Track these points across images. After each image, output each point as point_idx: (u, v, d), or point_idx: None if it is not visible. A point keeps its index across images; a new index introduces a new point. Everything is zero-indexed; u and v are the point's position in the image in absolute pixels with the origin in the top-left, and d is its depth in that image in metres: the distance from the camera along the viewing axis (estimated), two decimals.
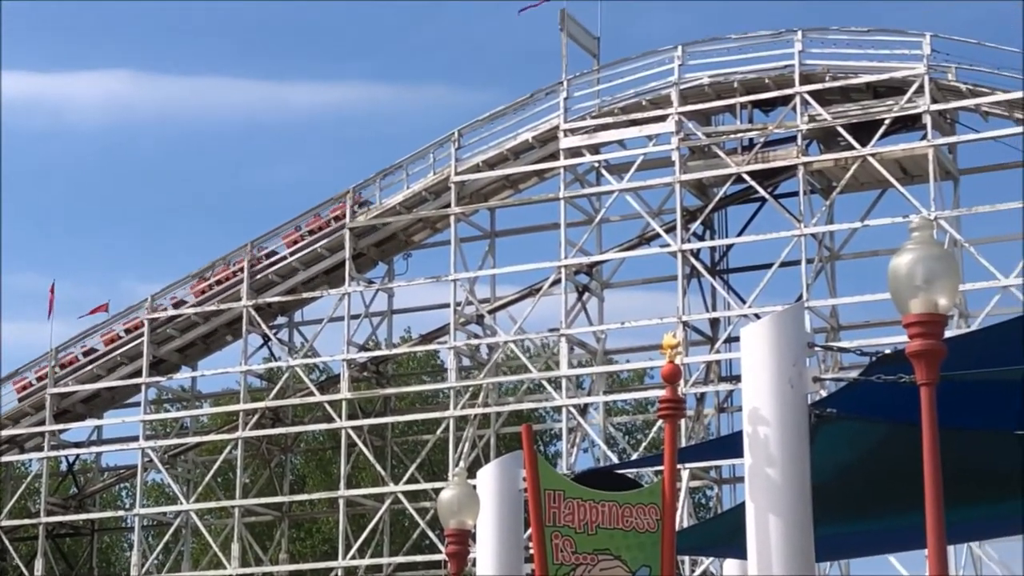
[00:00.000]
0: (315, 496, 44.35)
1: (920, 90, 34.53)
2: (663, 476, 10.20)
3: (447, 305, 39.08)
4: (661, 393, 10.55)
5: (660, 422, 10.53)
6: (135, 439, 41.44)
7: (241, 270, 40.28)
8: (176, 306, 41.11)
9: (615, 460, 37.61)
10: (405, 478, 39.47)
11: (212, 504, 43.01)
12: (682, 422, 35.53)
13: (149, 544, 44.07)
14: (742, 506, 9.50)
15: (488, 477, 11.93)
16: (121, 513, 48.93)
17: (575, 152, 37.88)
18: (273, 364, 42.15)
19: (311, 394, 40.30)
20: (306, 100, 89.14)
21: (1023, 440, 10.82)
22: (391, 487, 39.16)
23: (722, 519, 14.29)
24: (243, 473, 41.27)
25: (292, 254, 40.09)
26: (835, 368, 32.86)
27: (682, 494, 35.79)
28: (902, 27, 36.04)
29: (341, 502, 38.90)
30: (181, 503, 41.75)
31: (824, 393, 9.98)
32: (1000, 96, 34.29)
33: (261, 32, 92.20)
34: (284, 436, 42.93)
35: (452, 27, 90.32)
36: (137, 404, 41.90)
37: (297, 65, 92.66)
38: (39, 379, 42.21)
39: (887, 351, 9.22)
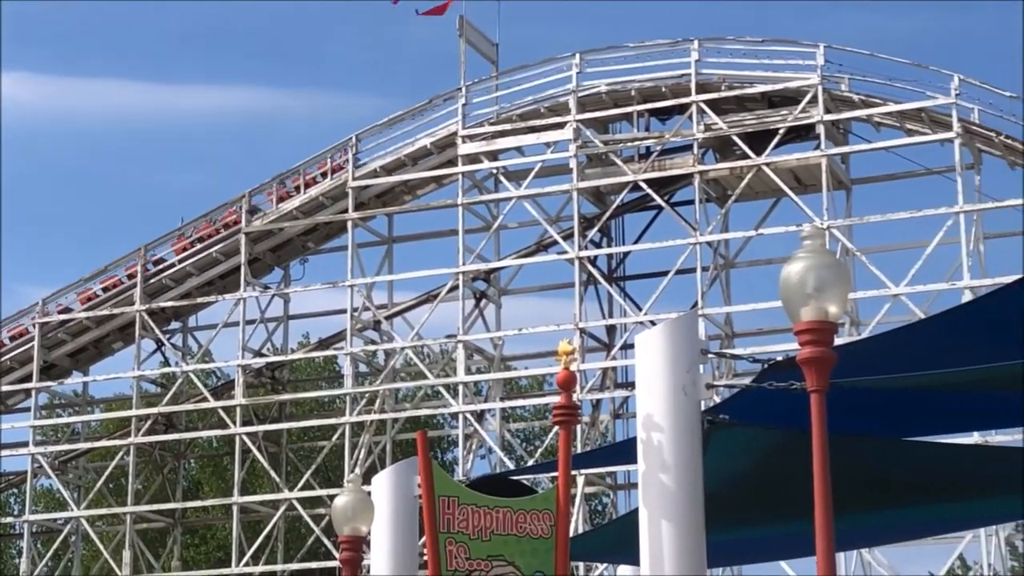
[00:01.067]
0: (209, 503, 43.96)
1: (814, 100, 34.96)
2: (557, 482, 10.24)
3: (344, 311, 38.94)
4: (557, 399, 10.59)
5: (556, 428, 10.57)
6: (25, 444, 40.86)
7: (134, 274, 39.87)
8: (65, 311, 40.59)
9: (512, 466, 37.67)
10: (300, 484, 39.26)
11: (103, 511, 42.48)
12: (578, 428, 35.81)
13: (38, 551, 43.42)
14: (636, 512, 9.56)
15: (383, 483, 11.89)
16: (10, 520, 48.17)
17: (473, 158, 37.93)
18: (167, 369, 41.79)
19: (205, 400, 39.98)
20: (202, 104, 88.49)
21: (911, 447, 11.00)
22: (286, 494, 38.95)
23: (616, 525, 14.37)
24: (135, 479, 40.82)
25: (181, 261, 39.72)
26: (729, 375, 33.13)
27: (577, 500, 35.94)
28: (796, 38, 36.51)
29: (235, 509, 38.61)
30: (72, 509, 41.20)
31: (718, 399, 10.07)
32: (892, 107, 34.80)
33: (156, 35, 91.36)
34: (178, 442, 42.54)
35: (350, 32, 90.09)
36: (27, 409, 41.31)
37: (192, 68, 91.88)
38: None
39: (779, 358, 9.33)
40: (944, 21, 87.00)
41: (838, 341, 8.50)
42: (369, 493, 12.28)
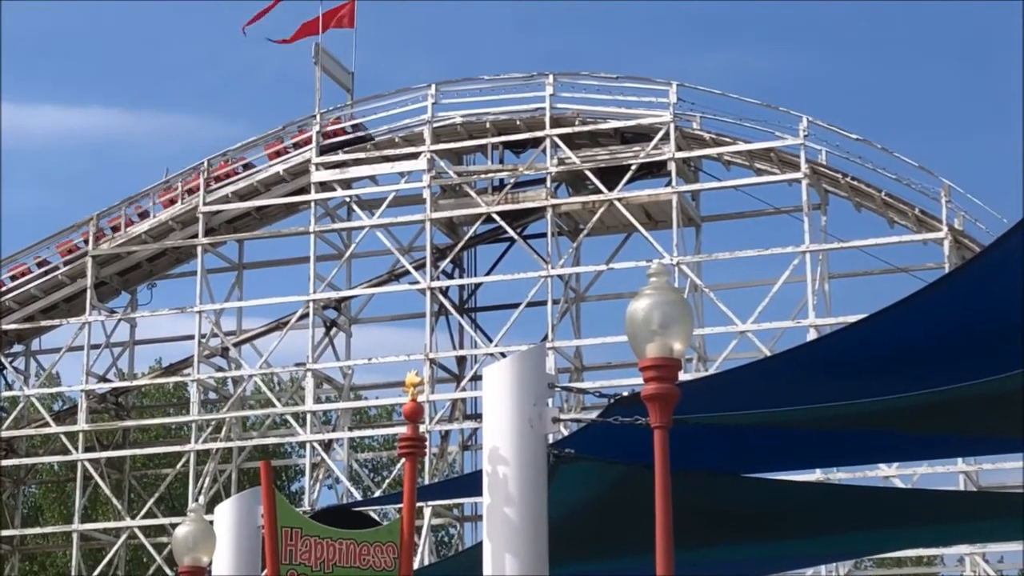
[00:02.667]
0: (48, 530, 43.08)
1: (666, 137, 35.34)
2: (401, 514, 10.19)
3: (192, 337, 38.47)
4: (404, 430, 10.54)
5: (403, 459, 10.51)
6: None
7: None
8: None
9: (359, 496, 37.44)
10: (143, 512, 38.63)
11: None
12: (426, 459, 35.78)
13: None
14: (480, 545, 9.55)
15: (225, 513, 11.73)
16: None
17: (326, 186, 37.75)
18: (9, 393, 40.89)
19: (47, 424, 39.20)
20: (49, 125, 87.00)
21: (754, 484, 11.12)
22: (128, 522, 38.30)
23: (461, 558, 14.32)
24: None
25: (21, 285, 38.93)
26: (578, 408, 33.27)
27: (423, 531, 35.82)
28: (650, 75, 36.90)
29: (75, 536, 37.87)
30: None
31: (566, 432, 10.10)
32: (741, 146, 35.30)
33: (4, 54, 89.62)
34: (17, 467, 41.62)
35: (205, 56, 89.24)
36: None
37: (40, 88, 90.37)
38: None
39: (625, 393, 9.38)
40: (795, 62, 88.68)
41: (684, 377, 8.57)
42: (211, 523, 12.11)
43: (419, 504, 34.56)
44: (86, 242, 38.69)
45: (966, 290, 8.19)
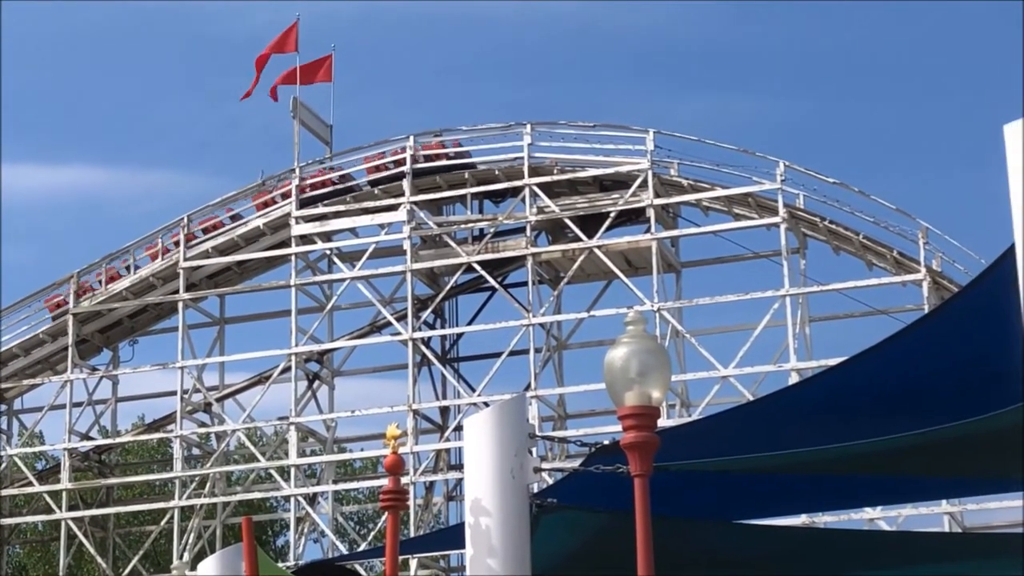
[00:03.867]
0: None
1: (644, 184, 35.46)
2: (385, 567, 10.15)
3: (174, 392, 38.37)
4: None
5: None
6: None
7: None
8: None
9: (345, 550, 37.30)
10: (127, 570, 38.42)
11: None
12: (411, 511, 35.68)
13: None
14: None
15: (209, 570, 11.69)
16: None
17: (307, 239, 37.76)
18: None
19: (30, 483, 39.02)
20: (29, 184, 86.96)
21: (738, 529, 11.10)
22: None
23: None
24: None
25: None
26: (563, 456, 33.27)
27: None
28: (627, 123, 37.07)
29: None
30: None
31: (551, 480, 10.07)
32: (719, 192, 35.44)
33: None
34: (1, 527, 41.37)
35: (184, 113, 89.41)
36: None
37: (18, 148, 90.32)
38: None
39: (606, 441, 9.36)
40: (771, 107, 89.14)
41: (667, 423, 8.58)
42: None
43: (405, 556, 34.54)
44: (66, 301, 38.63)
45: (945, 331, 8.21)
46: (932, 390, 8.72)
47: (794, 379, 31.69)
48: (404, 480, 34.44)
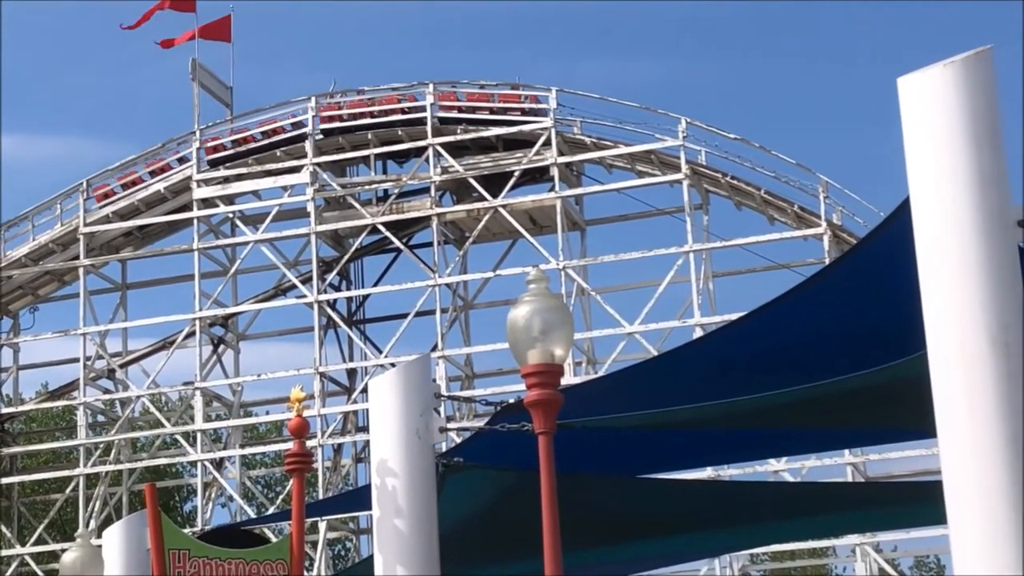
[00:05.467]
0: None
1: (547, 143, 35.47)
2: (291, 530, 10.13)
3: (77, 360, 37.96)
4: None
5: None
6: None
7: None
8: None
9: (253, 514, 37.19)
10: (33, 539, 38.04)
11: None
12: (319, 473, 35.61)
13: None
14: (372, 558, 9.51)
15: (114, 537, 11.60)
16: None
17: (209, 203, 37.42)
18: None
19: None
20: None
21: (644, 484, 11.19)
22: (18, 549, 37.70)
23: (353, 571, 14.28)
24: None
25: None
26: (470, 416, 33.30)
27: (319, 546, 35.64)
28: (530, 82, 37.00)
29: None
30: None
31: (459, 440, 10.08)
32: (622, 149, 35.52)
33: None
34: None
35: (81, 77, 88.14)
36: None
37: None
38: None
39: (511, 400, 9.38)
40: (670, 66, 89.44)
41: (574, 380, 8.61)
42: (100, 547, 11.96)
43: (314, 519, 34.48)
44: None
45: (844, 284, 8.28)
46: (832, 342, 8.81)
47: (698, 334, 31.89)
48: (311, 443, 34.40)
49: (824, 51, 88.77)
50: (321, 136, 36.87)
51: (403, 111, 36.42)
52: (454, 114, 36.47)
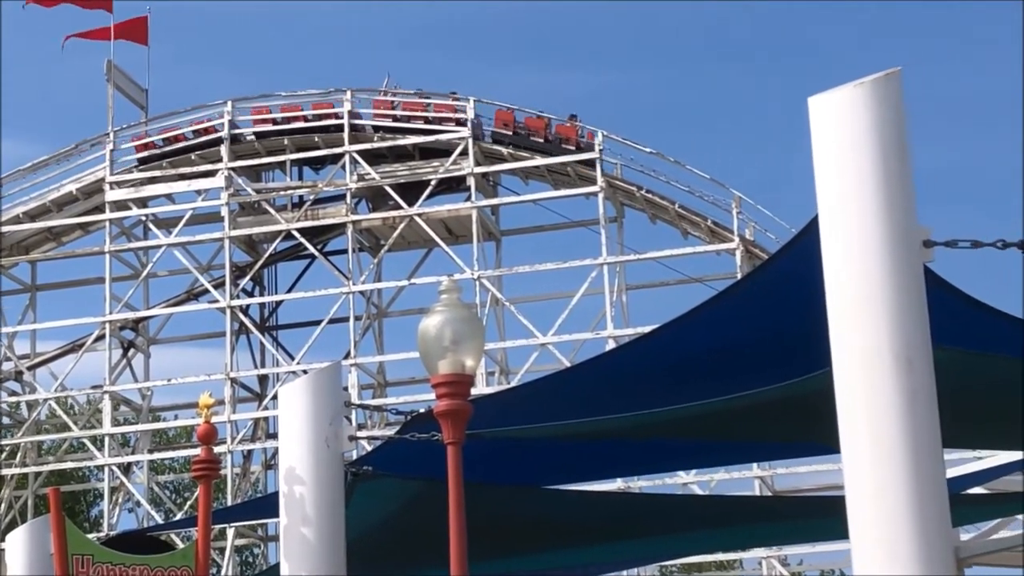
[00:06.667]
0: None
1: (465, 153, 35.49)
2: (197, 537, 10.06)
3: None
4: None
5: None
6: None
7: None
8: None
9: (160, 520, 36.85)
10: None
11: None
12: (229, 480, 35.36)
13: None
14: (278, 565, 9.46)
15: (17, 541, 11.46)
16: None
17: (121, 205, 37.09)
18: None
19: None
20: None
21: (553, 495, 11.21)
22: None
23: None
24: None
25: None
26: (382, 424, 33.22)
27: (227, 553, 35.42)
28: (450, 91, 36.96)
29: None
30: None
31: (369, 447, 10.06)
32: (539, 161, 35.61)
33: None
34: None
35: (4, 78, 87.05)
36: None
37: None
38: None
39: (422, 410, 9.38)
40: (588, 80, 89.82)
41: (487, 390, 8.63)
42: (3, 551, 11.84)
43: (222, 525, 34.24)
44: None
45: (754, 299, 8.34)
46: (742, 356, 8.87)
47: (611, 346, 32.02)
48: (221, 449, 34.18)
49: (740, 67, 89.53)
50: (253, 138, 36.66)
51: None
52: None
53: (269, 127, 36.79)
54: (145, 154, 37.08)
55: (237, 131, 36.72)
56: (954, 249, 6.51)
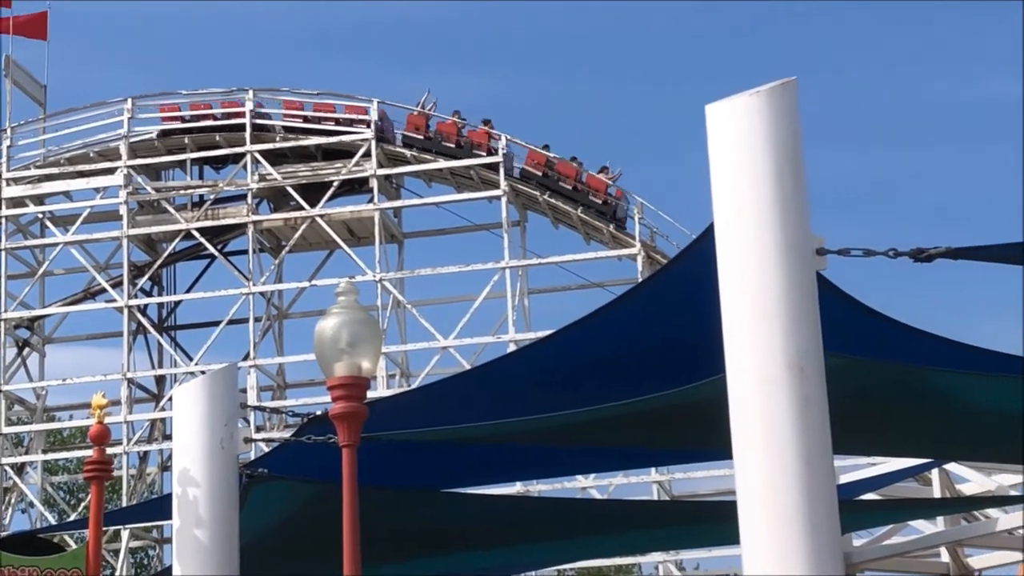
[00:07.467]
0: None
1: (368, 154, 35.38)
2: (88, 539, 9.95)
3: None
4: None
5: None
6: None
7: None
8: None
9: (54, 521, 36.39)
10: None
11: None
12: (124, 481, 34.97)
13: None
14: (171, 568, 9.38)
15: None
16: None
17: (18, 202, 36.60)
18: None
19: None
20: None
21: (451, 498, 11.19)
22: None
23: None
24: None
25: None
26: (281, 427, 33.03)
27: (121, 555, 35.03)
28: (352, 92, 36.88)
29: None
30: None
31: (267, 449, 10.00)
32: (442, 164, 35.58)
33: None
34: None
35: None
36: None
37: None
38: None
39: (319, 412, 9.34)
40: (492, 84, 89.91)
41: (387, 392, 8.60)
42: None
43: (117, 527, 33.87)
44: None
45: (651, 304, 8.38)
46: (639, 361, 8.91)
47: (512, 350, 32.05)
48: (117, 450, 33.80)
49: (642, 74, 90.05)
50: (162, 136, 36.32)
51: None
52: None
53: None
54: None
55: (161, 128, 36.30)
56: (847, 257, 6.58)
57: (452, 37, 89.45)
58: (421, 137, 35.62)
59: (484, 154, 35.20)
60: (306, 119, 36.08)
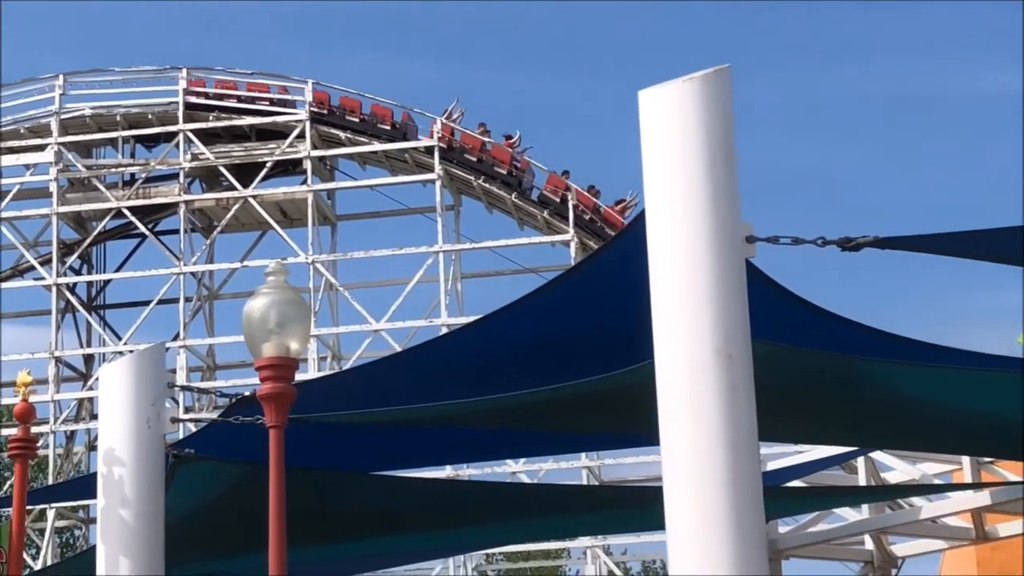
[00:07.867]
0: None
1: (302, 136, 35.23)
2: (11, 518, 9.85)
3: None
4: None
5: None
6: None
7: None
8: None
9: None
10: None
11: None
12: (51, 460, 34.70)
13: None
14: (95, 547, 9.31)
15: None
16: None
17: None
18: None
19: None
20: None
21: (378, 481, 11.18)
22: None
23: (76, 561, 13.96)
24: None
25: None
26: (210, 407, 32.87)
27: (47, 534, 34.77)
28: (287, 72, 36.70)
29: None
30: None
31: (195, 428, 9.94)
32: (377, 146, 35.48)
33: None
34: None
35: None
36: None
37: None
38: None
39: (247, 393, 9.29)
40: (427, 68, 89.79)
41: (320, 375, 8.58)
42: None
43: (43, 506, 33.57)
44: None
45: (582, 289, 8.39)
46: (569, 346, 8.92)
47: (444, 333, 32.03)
48: (43, 429, 33.52)
49: (575, 61, 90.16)
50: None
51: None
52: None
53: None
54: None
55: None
56: (776, 245, 6.61)
57: (385, 20, 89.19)
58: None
59: (505, 173, 35.09)
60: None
